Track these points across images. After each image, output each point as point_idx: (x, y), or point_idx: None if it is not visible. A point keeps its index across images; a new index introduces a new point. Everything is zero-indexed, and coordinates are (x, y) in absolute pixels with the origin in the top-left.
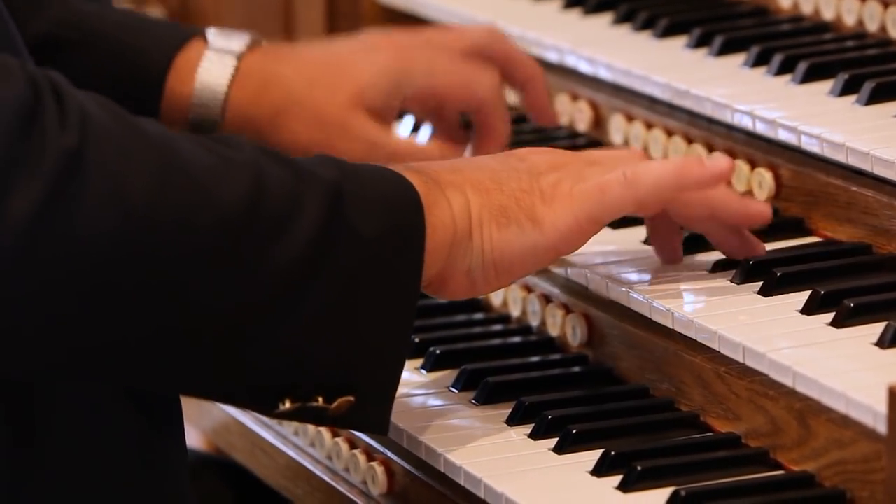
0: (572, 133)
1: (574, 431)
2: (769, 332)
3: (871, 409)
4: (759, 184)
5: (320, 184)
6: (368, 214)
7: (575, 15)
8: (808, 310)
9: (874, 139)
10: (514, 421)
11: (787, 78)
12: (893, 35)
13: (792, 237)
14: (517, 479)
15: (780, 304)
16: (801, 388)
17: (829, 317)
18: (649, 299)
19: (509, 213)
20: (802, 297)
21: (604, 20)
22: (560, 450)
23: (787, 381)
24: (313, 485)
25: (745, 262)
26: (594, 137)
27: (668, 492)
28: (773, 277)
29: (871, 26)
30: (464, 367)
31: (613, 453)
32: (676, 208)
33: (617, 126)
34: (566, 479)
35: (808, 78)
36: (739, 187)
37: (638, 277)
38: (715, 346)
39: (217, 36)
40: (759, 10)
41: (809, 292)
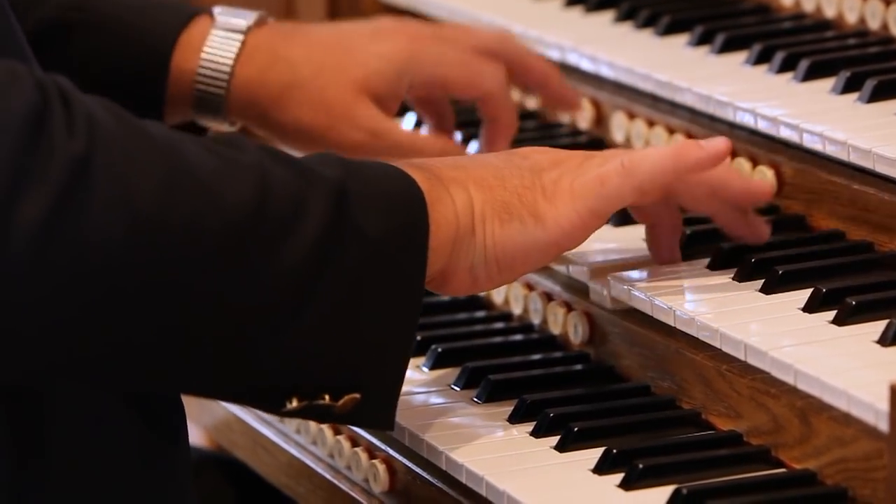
0: (574, 131)
1: (576, 429)
2: (771, 329)
3: (872, 406)
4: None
5: (325, 183)
6: (373, 213)
7: (576, 13)
8: (810, 308)
9: (876, 137)
10: (515, 419)
11: (788, 76)
12: (895, 33)
13: (794, 235)
14: (519, 477)
15: (781, 301)
16: (802, 386)
17: (831, 315)
18: (651, 297)
19: (512, 210)
20: (804, 295)
21: (605, 18)
22: (562, 448)
23: (788, 378)
24: (315, 482)
25: (746, 260)
26: (596, 135)
27: (669, 490)
28: (774, 275)
29: (873, 24)
30: (465, 365)
31: (615, 451)
32: (678, 191)
33: (619, 124)
34: (568, 477)
35: (810, 76)
36: None
37: (639, 275)
38: (717, 344)
39: (223, 13)
40: (761, 8)
41: (811, 290)
